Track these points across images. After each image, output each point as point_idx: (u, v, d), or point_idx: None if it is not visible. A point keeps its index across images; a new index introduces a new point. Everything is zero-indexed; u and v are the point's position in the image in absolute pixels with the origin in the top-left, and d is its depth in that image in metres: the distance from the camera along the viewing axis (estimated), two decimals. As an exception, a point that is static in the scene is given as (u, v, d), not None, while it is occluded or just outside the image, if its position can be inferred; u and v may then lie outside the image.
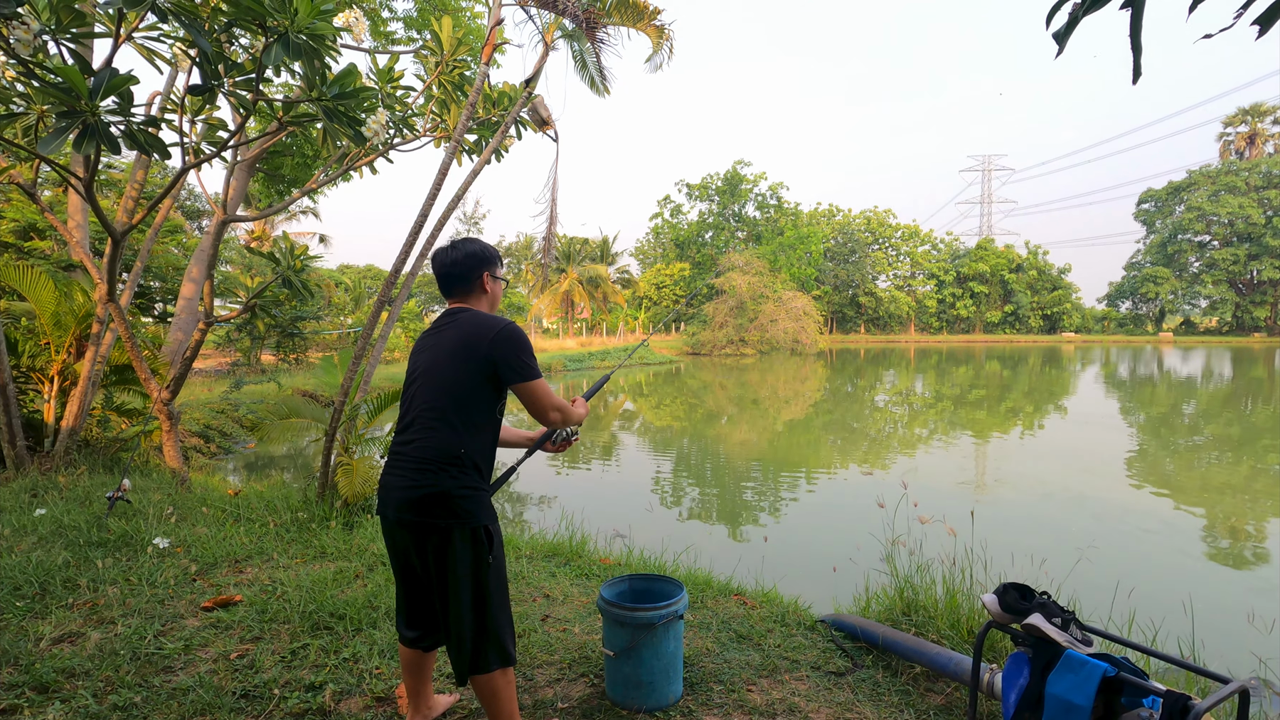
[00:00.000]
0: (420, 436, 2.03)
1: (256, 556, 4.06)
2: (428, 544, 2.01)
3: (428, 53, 6.17)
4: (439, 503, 1.98)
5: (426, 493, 1.98)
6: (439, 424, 2.03)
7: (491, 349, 2.05)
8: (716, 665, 2.85)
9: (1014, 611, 2.12)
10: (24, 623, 3.09)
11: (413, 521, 2.00)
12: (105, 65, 3.63)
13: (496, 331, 2.07)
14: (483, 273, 2.24)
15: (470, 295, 2.25)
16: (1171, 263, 60.85)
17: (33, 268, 6.52)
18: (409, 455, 2.04)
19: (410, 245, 4.95)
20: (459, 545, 1.99)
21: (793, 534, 6.81)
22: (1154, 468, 10.41)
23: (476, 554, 2.01)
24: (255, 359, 19.63)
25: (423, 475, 1.99)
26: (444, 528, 1.98)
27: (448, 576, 2.00)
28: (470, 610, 2.02)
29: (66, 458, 6.19)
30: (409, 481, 2.00)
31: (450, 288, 2.25)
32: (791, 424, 15.79)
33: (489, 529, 2.05)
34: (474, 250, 2.25)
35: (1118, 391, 22.07)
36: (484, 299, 2.27)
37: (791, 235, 53.59)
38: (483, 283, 2.25)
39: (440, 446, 2.00)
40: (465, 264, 2.22)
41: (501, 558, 2.09)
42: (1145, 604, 3.34)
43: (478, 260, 2.24)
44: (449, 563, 2.00)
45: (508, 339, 2.07)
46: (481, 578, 2.03)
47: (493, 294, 2.29)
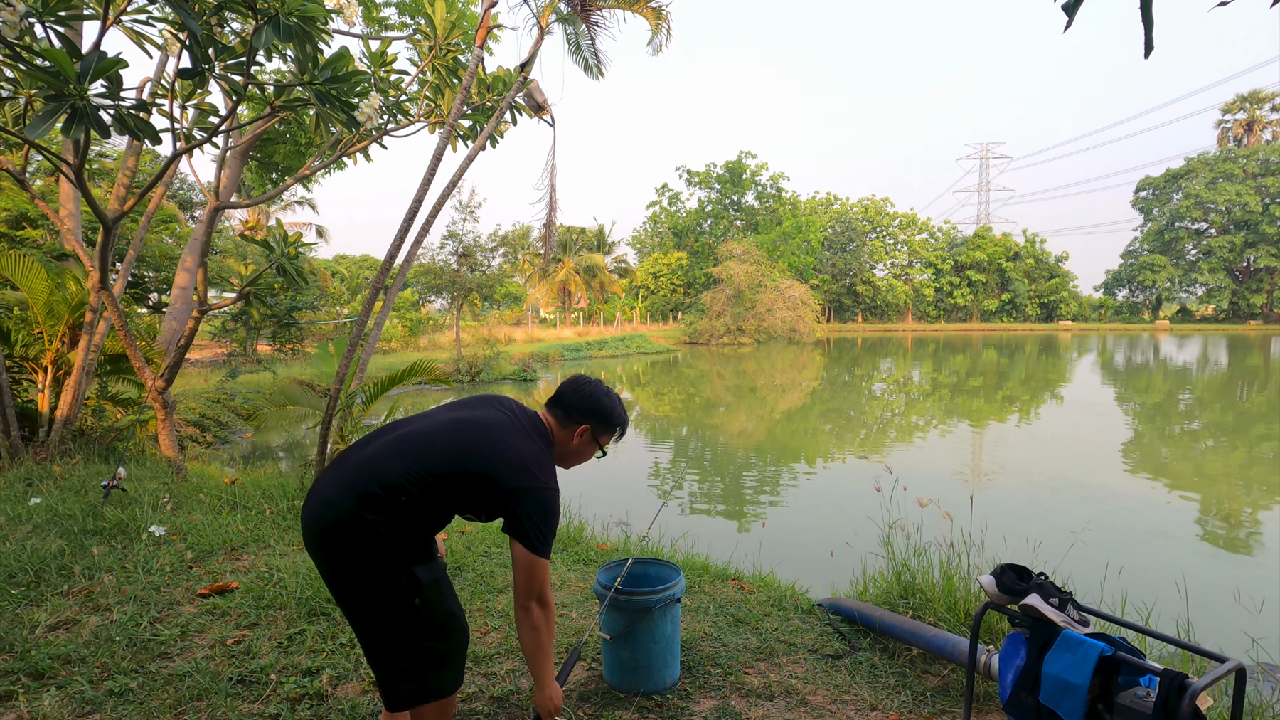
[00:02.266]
0: (378, 452, 1.76)
1: (253, 544, 4.06)
2: (334, 577, 1.73)
3: (421, 37, 6.10)
4: (348, 531, 1.67)
5: (338, 517, 1.68)
6: (406, 461, 1.73)
7: (518, 490, 1.77)
8: (714, 649, 2.85)
9: (1011, 592, 2.12)
10: (19, 610, 3.08)
11: (319, 539, 1.71)
12: (93, 48, 3.58)
13: (537, 487, 1.79)
14: (586, 423, 2.01)
15: (562, 427, 2.01)
16: (1168, 250, 60.87)
17: (25, 256, 6.47)
18: (350, 465, 1.76)
19: (404, 232, 4.91)
20: (373, 587, 1.70)
21: (790, 520, 6.83)
22: (1149, 455, 10.45)
23: (397, 600, 1.71)
24: (251, 349, 19.57)
25: (347, 493, 1.69)
26: (351, 560, 1.69)
27: (360, 619, 1.76)
28: (395, 654, 1.78)
29: (61, 447, 6.16)
30: (329, 495, 1.71)
31: (556, 403, 2.04)
32: (789, 413, 15.81)
33: (413, 574, 1.72)
34: (601, 403, 2.03)
35: (1114, 379, 22.13)
36: (566, 438, 2.01)
37: (790, 225, 53.47)
38: (577, 430, 2.01)
39: (388, 477, 1.70)
40: (585, 402, 2.01)
41: (437, 602, 1.78)
42: (1139, 586, 3.35)
43: (594, 411, 2.01)
44: (360, 606, 1.74)
45: (542, 502, 1.79)
46: (402, 627, 1.75)
47: (577, 446, 2.03)
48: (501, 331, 30.79)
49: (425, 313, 32.37)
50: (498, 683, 2.59)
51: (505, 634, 2.98)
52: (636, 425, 14.14)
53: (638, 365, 29.46)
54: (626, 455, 10.74)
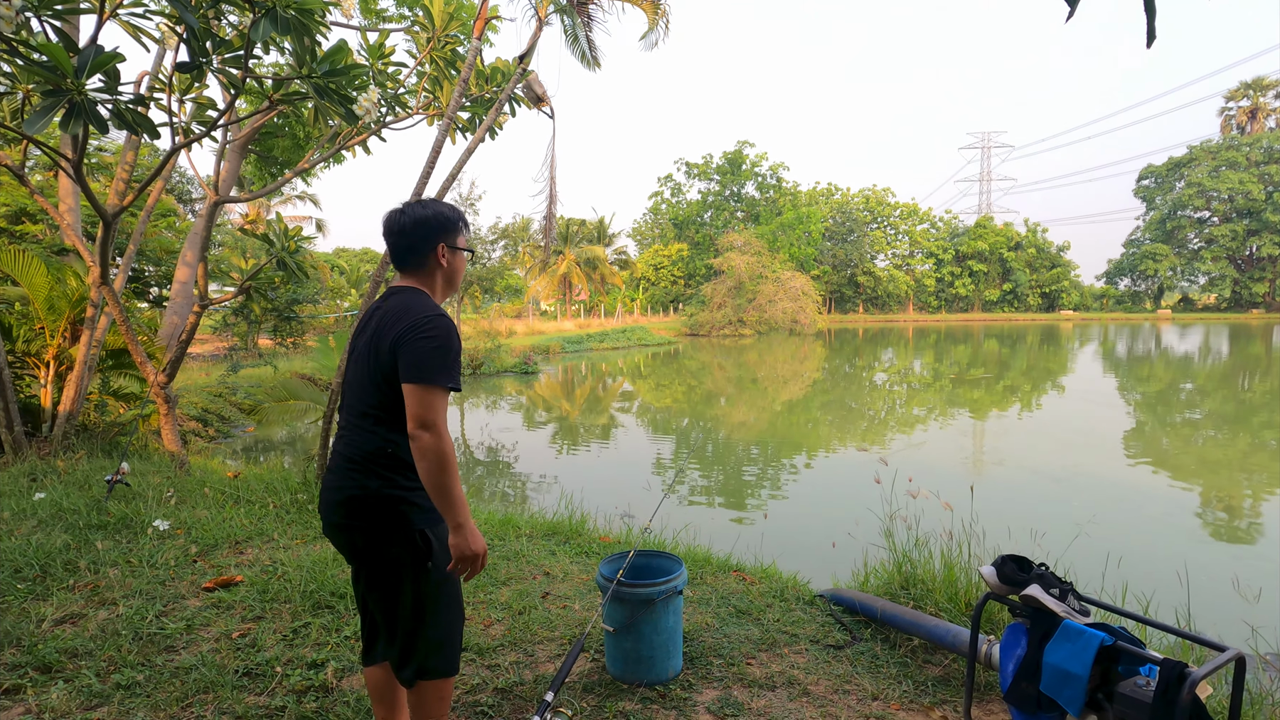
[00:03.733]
0: (347, 434, 1.84)
1: (257, 538, 4.08)
2: (359, 549, 1.82)
3: (419, 29, 6.07)
4: (366, 505, 1.77)
5: (352, 494, 1.77)
6: (362, 420, 1.80)
7: (400, 336, 1.73)
8: (716, 640, 2.87)
9: (1012, 583, 2.13)
10: (25, 604, 3.10)
11: (341, 524, 1.81)
12: (90, 42, 3.57)
13: (417, 319, 1.74)
14: (437, 243, 1.87)
15: (423, 270, 1.89)
16: (1171, 239, 60.67)
17: (25, 252, 6.47)
18: (340, 453, 1.84)
19: (405, 225, 4.90)
20: (392, 552, 1.79)
21: (791, 512, 6.85)
22: (1151, 444, 10.46)
23: (414, 562, 1.79)
24: (252, 343, 19.59)
25: (350, 476, 1.78)
26: (374, 532, 1.78)
27: (382, 584, 1.82)
28: (410, 619, 1.83)
29: (64, 442, 6.18)
30: (338, 482, 1.81)
31: (402, 260, 1.90)
32: (790, 404, 15.82)
33: (425, 534, 1.79)
34: (426, 215, 1.87)
35: (1116, 369, 22.12)
36: (438, 274, 1.91)
37: (791, 215, 53.32)
38: (437, 256, 1.88)
39: (365, 444, 1.78)
40: (415, 232, 1.86)
41: (443, 565, 1.81)
42: (1139, 575, 3.37)
43: (430, 228, 1.86)
44: (382, 570, 1.81)
45: (423, 330, 1.72)
46: (421, 588, 1.81)
47: (450, 269, 1.92)
48: (502, 324, 30.77)
49: (425, 305, 32.30)
50: (501, 674, 2.61)
51: (508, 626, 3.00)
52: (639, 416, 14.16)
53: (639, 357, 29.46)
54: (628, 448, 10.76)
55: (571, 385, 20.39)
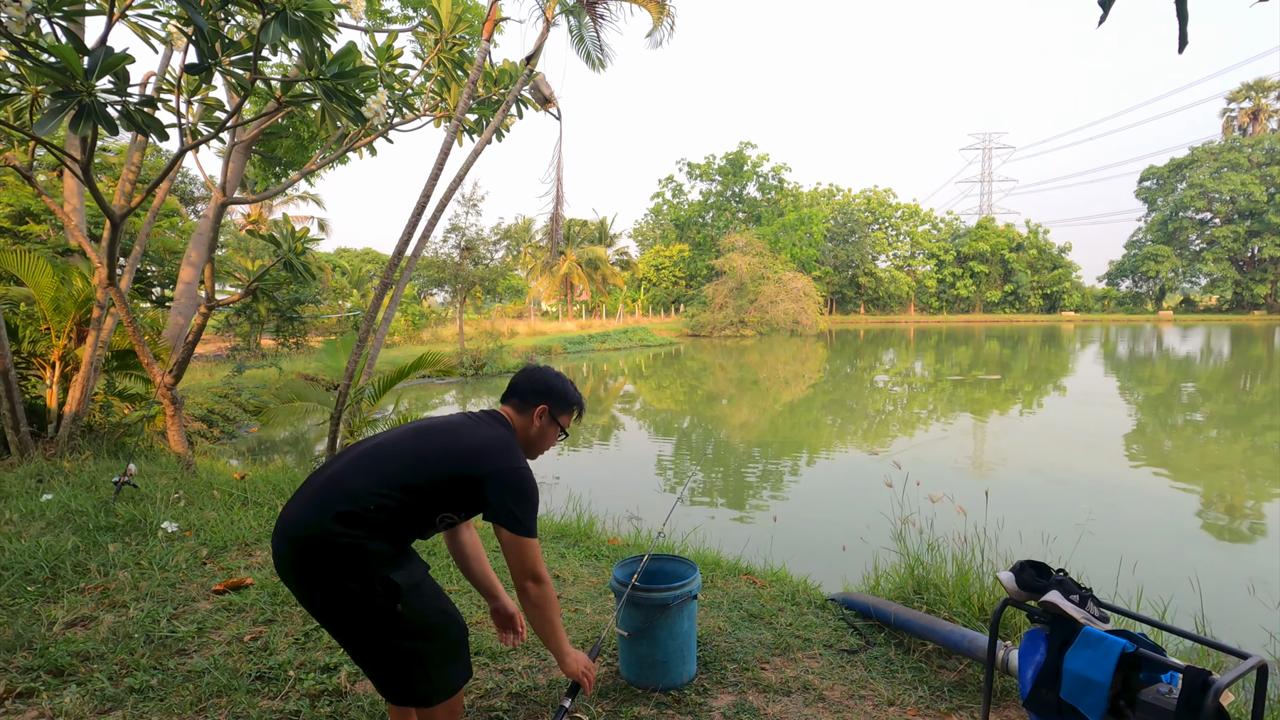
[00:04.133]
0: (348, 476, 1.72)
1: (265, 540, 4.06)
2: (310, 597, 1.70)
3: (425, 30, 6.07)
4: (321, 548, 1.63)
5: (310, 534, 1.64)
6: (377, 479, 1.71)
7: (490, 479, 1.77)
8: (729, 644, 2.86)
9: (1030, 589, 2.11)
10: (36, 607, 3.09)
11: (294, 562, 1.67)
12: (100, 44, 3.56)
13: (509, 469, 1.80)
14: (543, 404, 2.01)
15: (518, 414, 2.01)
16: (1172, 241, 60.65)
17: (30, 252, 6.46)
18: (315, 484, 1.73)
19: (413, 227, 4.90)
20: (349, 599, 1.67)
21: (797, 514, 6.84)
22: (1156, 447, 10.44)
23: (380, 608, 1.67)
24: (255, 343, 19.59)
25: (316, 512, 1.65)
26: (326, 579, 1.66)
27: (347, 635, 1.74)
28: (391, 663, 1.76)
29: (70, 443, 6.18)
30: (299, 515, 1.68)
31: (509, 395, 2.05)
32: (793, 405, 15.81)
33: (389, 580, 1.67)
34: (553, 384, 2.05)
35: (1117, 370, 22.10)
36: (528, 427, 2.01)
37: (792, 216, 53.31)
38: (535, 413, 2.00)
39: (359, 494, 1.67)
40: (537, 384, 2.03)
41: (419, 604, 1.73)
42: (1152, 580, 3.35)
43: (549, 392, 2.03)
44: (343, 617, 1.71)
45: (516, 485, 1.80)
46: (396, 632, 1.71)
47: (540, 431, 2.02)
48: (504, 324, 30.78)
49: (427, 306, 32.40)
50: (515, 679, 2.60)
51: (520, 630, 2.99)
52: (641, 418, 14.15)
53: (640, 358, 29.46)
54: (631, 449, 10.76)
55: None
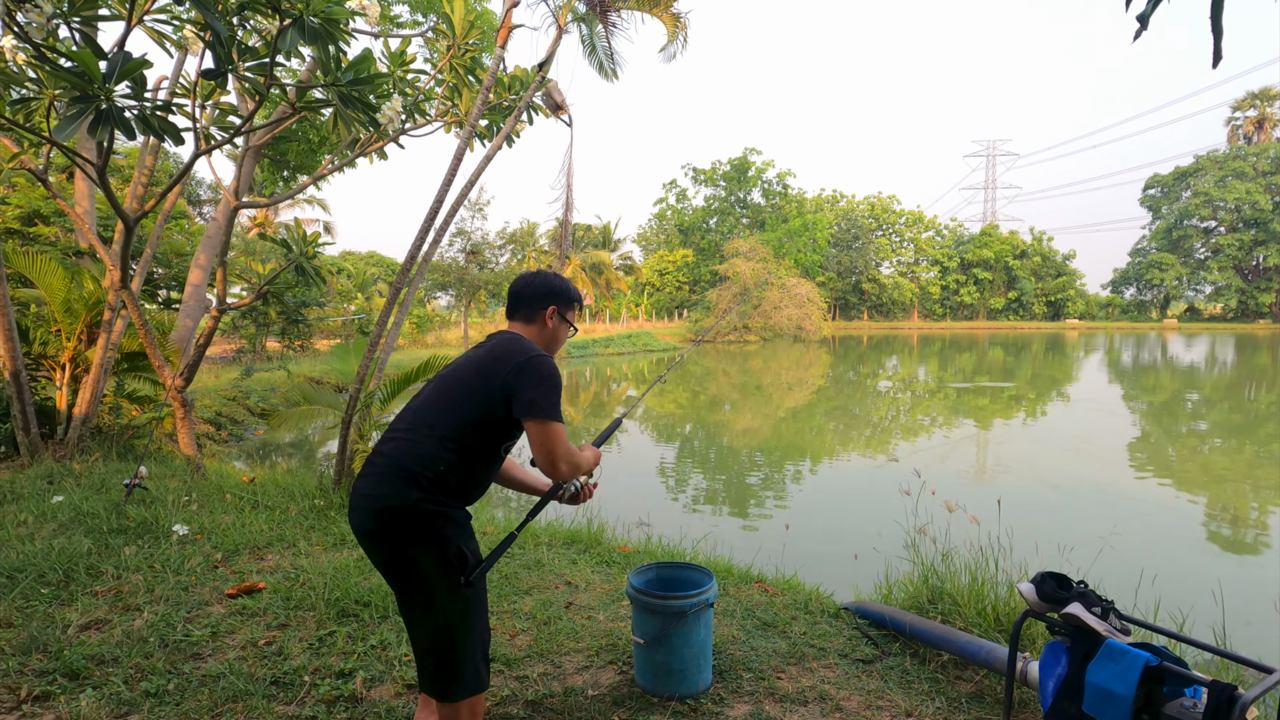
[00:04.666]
0: (403, 442, 1.86)
1: (277, 543, 4.07)
2: (393, 563, 1.83)
3: (434, 35, 6.09)
4: (402, 517, 1.78)
5: (389, 505, 1.78)
6: (427, 434, 1.84)
7: (511, 374, 1.85)
8: (744, 653, 2.85)
9: (1052, 600, 2.11)
10: (50, 610, 3.10)
11: (376, 533, 1.80)
12: (119, 49, 3.58)
13: (526, 359, 1.87)
14: (550, 305, 2.07)
15: (529, 324, 2.07)
16: (1177, 249, 60.56)
17: (41, 254, 6.49)
18: (384, 459, 1.85)
19: (425, 231, 4.92)
20: (424, 566, 1.80)
21: (806, 522, 6.82)
22: (1162, 455, 10.41)
23: (447, 576, 1.81)
24: (260, 345, 19.63)
25: (390, 484, 1.79)
26: (409, 544, 1.79)
27: (413, 598, 1.84)
28: (441, 636, 1.85)
29: (80, 445, 6.19)
30: (375, 489, 1.81)
31: (514, 309, 2.11)
32: (796, 410, 15.80)
33: (460, 550, 1.83)
34: (553, 283, 2.10)
35: (1121, 378, 22.04)
36: (541, 332, 2.07)
37: (797, 223, 53.35)
38: (545, 315, 2.07)
39: (420, 456, 1.81)
40: (538, 289, 2.08)
41: (481, 586, 1.91)
42: (1164, 592, 3.33)
43: (552, 292, 2.08)
44: (414, 584, 1.82)
45: (534, 370, 1.86)
46: (452, 603, 1.84)
47: (553, 331, 2.09)
48: (508, 328, 30.74)
49: (431, 309, 32.44)
50: (530, 686, 2.59)
51: (534, 636, 2.99)
52: (643, 422, 14.15)
53: (643, 362, 29.47)
54: (635, 453, 10.75)
55: (577, 389, 20.38)
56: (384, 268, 44.79)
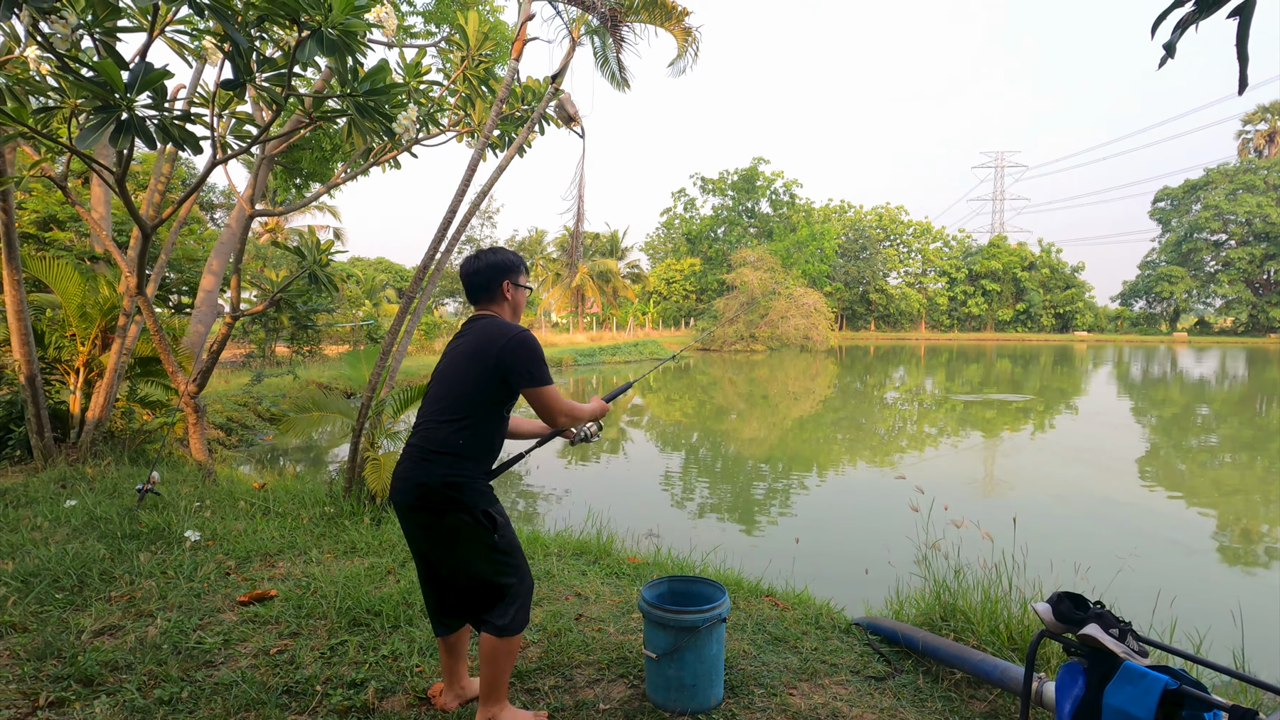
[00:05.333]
0: (426, 430, 2.23)
1: (288, 551, 4.08)
2: (431, 528, 2.19)
3: (447, 46, 6.15)
4: (435, 490, 2.14)
5: (424, 480, 2.15)
6: (444, 420, 2.21)
7: (501, 354, 2.19)
8: (755, 668, 2.84)
9: (1068, 621, 2.10)
10: (65, 615, 3.12)
11: (414, 505, 2.18)
12: (140, 60, 3.63)
13: (509, 339, 2.21)
14: (503, 281, 2.37)
15: (493, 303, 2.39)
16: (1187, 262, 60.25)
17: (58, 259, 6.56)
18: (415, 445, 2.24)
19: (439, 240, 4.95)
20: (461, 529, 2.17)
21: (815, 535, 6.79)
22: (1172, 470, 10.32)
23: (483, 536, 2.18)
24: (270, 351, 19.73)
25: (422, 466, 2.17)
26: (444, 512, 2.16)
27: (456, 556, 2.21)
28: (485, 580, 2.21)
29: (92, 449, 6.24)
30: (409, 472, 2.19)
31: (475, 295, 2.40)
32: (803, 420, 15.75)
33: (488, 512, 2.19)
34: (496, 260, 2.38)
35: (1131, 391, 21.90)
36: (505, 306, 2.40)
37: (805, 233, 53.37)
38: (503, 291, 2.38)
39: (441, 440, 2.18)
40: (487, 273, 2.36)
41: (510, 536, 2.25)
42: (1183, 611, 3.31)
43: (499, 269, 2.37)
44: (455, 544, 2.19)
45: (517, 346, 2.20)
46: (491, 555, 2.20)
47: (514, 302, 2.42)
48: (515, 336, 30.78)
49: (439, 315, 32.57)
50: (542, 698, 2.59)
51: (544, 648, 2.98)
52: (649, 430, 14.13)
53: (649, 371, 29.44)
54: (642, 462, 10.74)
55: (583, 397, 20.36)
56: (392, 274, 45.04)
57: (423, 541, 2.26)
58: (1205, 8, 1.08)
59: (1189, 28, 1.11)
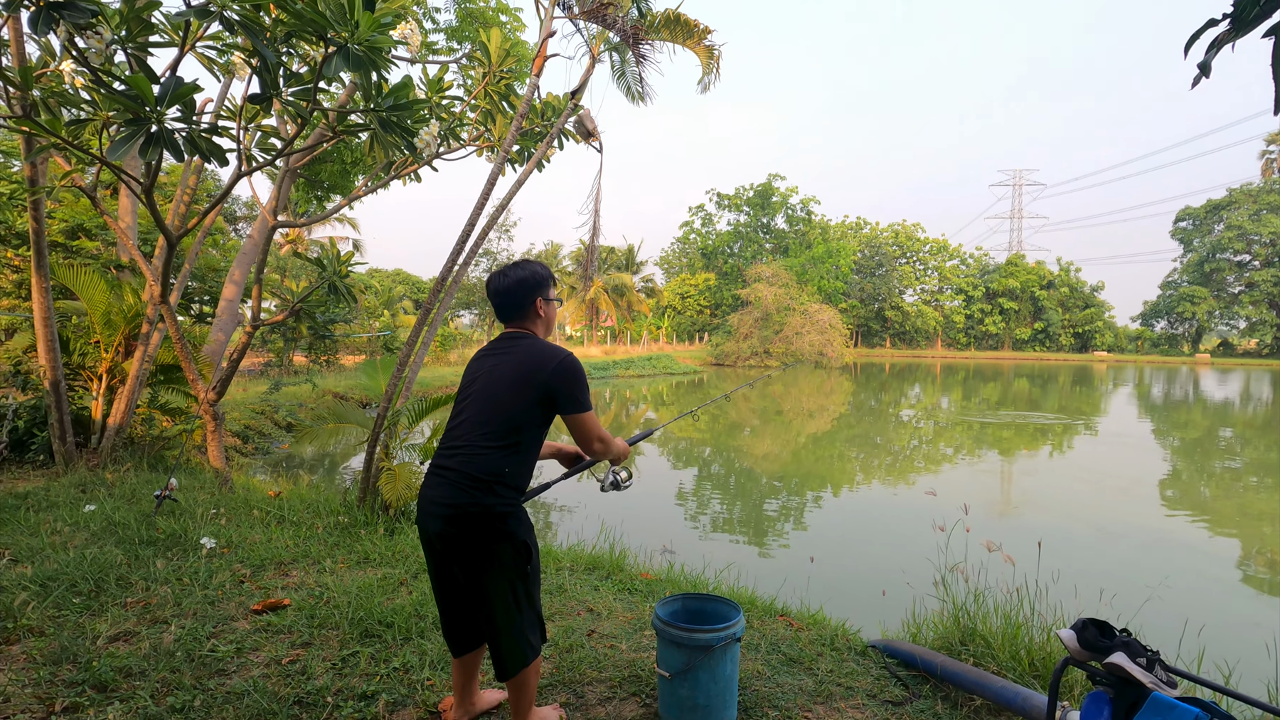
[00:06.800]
0: (468, 454, 2.10)
1: (302, 560, 4.09)
2: (470, 558, 2.09)
3: (468, 61, 6.24)
4: (483, 520, 2.05)
5: (469, 510, 2.05)
6: (490, 445, 2.09)
7: (551, 380, 2.12)
8: (769, 689, 2.80)
9: (1093, 649, 2.04)
10: (81, 620, 3.14)
11: (455, 535, 2.07)
12: (171, 74, 3.71)
13: (557, 364, 2.14)
14: (535, 298, 2.28)
15: (526, 320, 2.30)
16: (1209, 282, 59.42)
17: (84, 268, 6.69)
18: (454, 470, 2.10)
19: (457, 253, 4.99)
20: (502, 559, 2.08)
21: (829, 554, 6.71)
22: (1197, 494, 10.11)
23: (518, 566, 2.11)
24: (288, 360, 19.94)
25: (467, 493, 2.05)
26: (486, 542, 2.07)
27: (489, 588, 2.10)
28: (512, 614, 2.12)
29: (112, 454, 6.31)
30: (453, 498, 2.07)
31: (507, 315, 2.30)
32: (817, 437, 15.63)
33: (528, 543, 2.14)
34: (524, 276, 2.27)
35: (1152, 413, 21.53)
36: (539, 323, 2.32)
37: (821, 249, 53.27)
38: (536, 308, 2.29)
39: (488, 467, 2.07)
40: (518, 290, 2.26)
41: (538, 564, 2.21)
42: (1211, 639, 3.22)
43: (530, 286, 2.27)
44: (491, 575, 2.09)
45: (568, 372, 2.14)
46: (522, 587, 2.14)
47: (547, 317, 2.34)
48: (529, 348, 30.91)
49: (454, 327, 32.79)
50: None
51: (556, 664, 2.95)
52: (662, 445, 14.08)
53: (663, 385, 29.42)
54: (654, 478, 10.69)
55: (596, 411, 20.36)
56: (409, 285, 45.46)
57: (454, 568, 2.16)
58: (1241, 27, 1.06)
59: (1223, 47, 1.10)
